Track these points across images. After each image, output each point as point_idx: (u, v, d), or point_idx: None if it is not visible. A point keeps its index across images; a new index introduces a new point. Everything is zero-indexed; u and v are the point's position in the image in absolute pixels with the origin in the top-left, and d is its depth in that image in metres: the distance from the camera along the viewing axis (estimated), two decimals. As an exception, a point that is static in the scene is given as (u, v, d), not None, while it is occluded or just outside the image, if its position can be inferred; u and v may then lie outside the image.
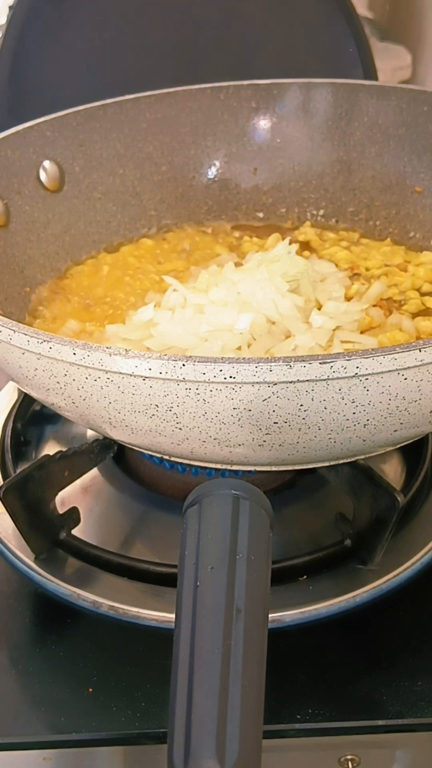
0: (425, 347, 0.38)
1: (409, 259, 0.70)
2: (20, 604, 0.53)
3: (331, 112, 0.77)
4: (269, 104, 0.78)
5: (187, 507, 0.38)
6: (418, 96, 0.73)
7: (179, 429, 0.42)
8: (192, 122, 0.77)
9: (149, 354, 0.38)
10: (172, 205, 0.77)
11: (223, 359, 0.38)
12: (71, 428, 0.68)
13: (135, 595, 0.52)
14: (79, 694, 0.47)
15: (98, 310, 0.65)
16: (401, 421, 0.42)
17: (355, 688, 0.47)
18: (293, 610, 0.50)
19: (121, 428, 0.45)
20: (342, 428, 0.42)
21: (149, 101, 0.75)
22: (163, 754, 0.32)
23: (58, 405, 0.47)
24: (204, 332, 0.54)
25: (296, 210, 0.78)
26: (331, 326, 0.56)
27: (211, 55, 0.92)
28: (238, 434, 0.42)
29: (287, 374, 0.38)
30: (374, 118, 0.75)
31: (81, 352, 0.39)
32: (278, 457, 0.45)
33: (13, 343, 0.42)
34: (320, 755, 0.49)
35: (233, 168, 0.79)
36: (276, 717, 0.45)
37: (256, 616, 0.34)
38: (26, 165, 0.68)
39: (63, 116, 0.71)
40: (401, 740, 0.49)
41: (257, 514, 0.37)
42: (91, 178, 0.73)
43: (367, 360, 0.37)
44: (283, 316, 0.55)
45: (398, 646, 0.49)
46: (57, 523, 0.55)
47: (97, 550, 0.54)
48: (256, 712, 0.32)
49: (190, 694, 0.31)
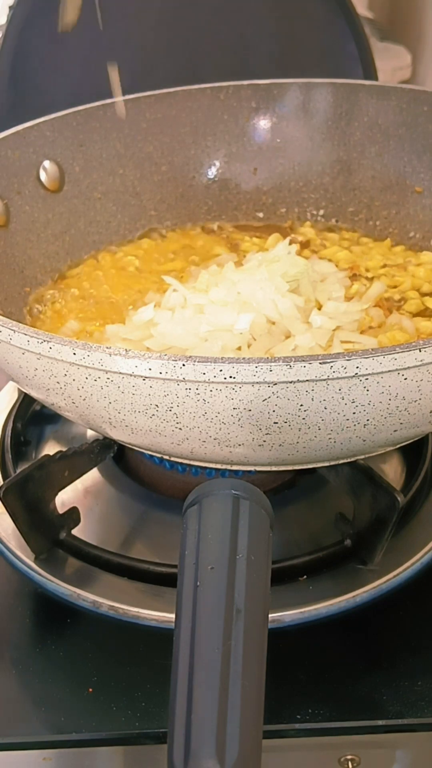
0: (425, 347, 0.38)
1: (409, 259, 0.70)
2: (20, 604, 0.53)
3: (331, 112, 0.77)
4: (269, 104, 0.78)
5: (187, 507, 0.38)
6: (418, 96, 0.73)
7: (179, 429, 0.42)
8: (192, 122, 0.77)
9: (149, 354, 0.38)
10: (172, 205, 0.77)
11: (223, 359, 0.38)
12: (71, 428, 0.68)
13: (135, 595, 0.52)
14: (79, 694, 0.47)
15: (98, 310, 0.65)
16: (401, 421, 0.42)
17: (355, 688, 0.47)
18: (293, 610, 0.50)
19: (121, 428, 0.45)
20: (342, 428, 0.42)
21: (149, 101, 0.75)
22: (163, 754, 0.32)
23: (58, 405, 0.47)
24: (204, 332, 0.54)
25: (296, 210, 0.78)
26: (331, 326, 0.56)
27: (211, 55, 0.92)
28: (238, 434, 0.42)
29: (287, 374, 0.38)
30: (374, 118, 0.75)
31: (81, 352, 0.39)
32: (278, 457, 0.45)
33: (13, 343, 0.42)
34: (320, 755, 0.49)
35: (233, 168, 0.79)
36: (276, 717, 0.45)
37: (256, 616, 0.34)
38: (26, 165, 0.68)
39: (63, 116, 0.71)
40: (401, 740, 0.49)
41: (257, 514, 0.37)
42: (91, 178, 0.73)
43: (367, 360, 0.37)
44: (283, 316, 0.55)
45: (398, 646, 0.49)
46: (57, 523, 0.55)
47: (97, 550, 0.54)
48: (256, 712, 0.32)
49: (190, 694, 0.31)
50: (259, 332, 0.54)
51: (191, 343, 0.54)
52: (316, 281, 0.62)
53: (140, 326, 0.58)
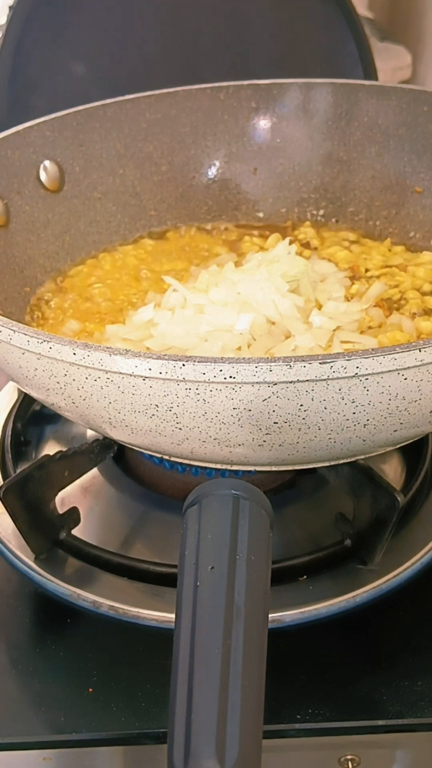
0: (425, 347, 0.38)
1: (409, 259, 0.70)
2: (20, 604, 0.53)
3: (331, 112, 0.77)
4: (269, 104, 0.78)
5: (187, 507, 0.38)
6: (418, 96, 0.73)
7: (179, 429, 0.42)
8: (192, 122, 0.77)
9: (149, 354, 0.38)
10: (172, 205, 0.77)
11: (223, 359, 0.38)
12: (71, 428, 0.68)
13: (135, 595, 0.52)
14: (79, 694, 0.47)
15: (98, 310, 0.65)
16: (401, 421, 0.42)
17: (355, 688, 0.47)
18: (293, 610, 0.50)
19: (121, 428, 0.45)
20: (342, 428, 0.42)
21: (149, 101, 0.75)
22: (163, 754, 0.32)
23: (58, 405, 0.47)
24: (204, 332, 0.54)
25: (296, 210, 0.78)
26: (331, 326, 0.56)
27: (211, 55, 0.92)
28: (238, 434, 0.42)
29: (287, 374, 0.38)
30: (374, 118, 0.75)
31: (81, 352, 0.39)
32: (278, 457, 0.45)
33: (13, 343, 0.42)
34: (320, 755, 0.49)
35: (233, 168, 0.79)
36: (276, 717, 0.45)
37: (256, 616, 0.34)
38: (26, 165, 0.68)
39: (63, 116, 0.71)
40: (401, 740, 0.49)
41: (257, 514, 0.37)
42: (91, 178, 0.73)
43: (367, 360, 0.37)
44: (283, 316, 0.55)
45: (398, 646, 0.49)
46: (57, 523, 0.55)
47: (97, 550, 0.54)
48: (256, 712, 0.32)
49: (190, 694, 0.31)
50: (259, 332, 0.54)
51: (191, 344, 0.54)
52: (316, 281, 0.62)
53: (140, 326, 0.58)
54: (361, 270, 0.67)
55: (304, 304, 0.57)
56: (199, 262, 0.71)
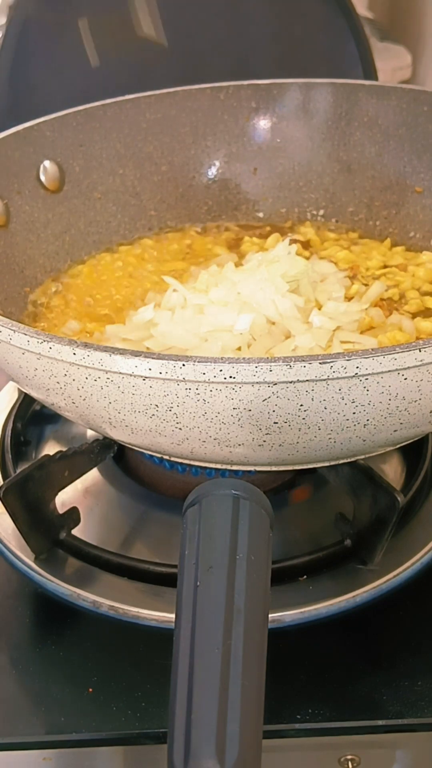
0: (425, 347, 0.38)
1: (409, 259, 0.70)
2: (20, 604, 0.53)
3: (331, 112, 0.77)
4: (269, 104, 0.78)
5: (187, 507, 0.38)
6: (418, 96, 0.73)
7: (179, 429, 0.42)
8: (192, 122, 0.77)
9: (149, 354, 0.38)
10: (172, 205, 0.77)
11: (223, 359, 0.38)
12: (71, 428, 0.68)
13: (135, 595, 0.52)
14: (79, 694, 0.47)
15: (98, 310, 0.65)
16: (401, 421, 0.42)
17: (355, 688, 0.47)
18: (293, 610, 0.50)
19: (121, 428, 0.45)
20: (342, 428, 0.42)
21: (149, 101, 0.75)
22: (163, 754, 0.32)
23: (58, 405, 0.47)
24: (204, 332, 0.54)
25: (296, 210, 0.78)
26: (331, 326, 0.56)
27: (211, 55, 0.92)
28: (238, 434, 0.42)
29: (287, 374, 0.38)
30: (374, 118, 0.75)
31: (81, 352, 0.39)
32: (278, 457, 0.45)
33: (13, 343, 0.42)
34: (320, 755, 0.49)
35: (233, 168, 0.79)
36: (276, 717, 0.45)
37: (256, 616, 0.34)
38: (26, 165, 0.68)
39: (63, 116, 0.71)
40: (401, 740, 0.49)
41: (257, 514, 0.37)
42: (91, 178, 0.73)
43: (367, 360, 0.37)
44: (283, 316, 0.55)
45: (398, 646, 0.49)
46: (57, 523, 0.55)
47: (97, 550, 0.54)
48: (256, 712, 0.32)
49: (190, 694, 0.31)
50: (259, 332, 0.54)
51: (191, 344, 0.54)
52: (316, 281, 0.62)
53: (140, 326, 0.58)
54: (361, 270, 0.67)
55: (304, 304, 0.57)
56: (200, 262, 0.71)
